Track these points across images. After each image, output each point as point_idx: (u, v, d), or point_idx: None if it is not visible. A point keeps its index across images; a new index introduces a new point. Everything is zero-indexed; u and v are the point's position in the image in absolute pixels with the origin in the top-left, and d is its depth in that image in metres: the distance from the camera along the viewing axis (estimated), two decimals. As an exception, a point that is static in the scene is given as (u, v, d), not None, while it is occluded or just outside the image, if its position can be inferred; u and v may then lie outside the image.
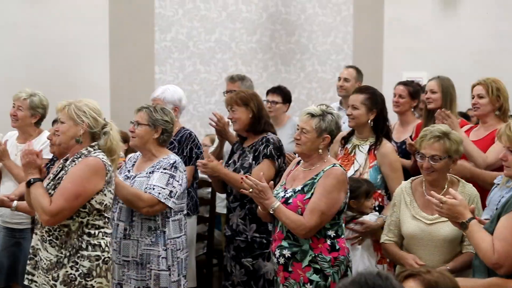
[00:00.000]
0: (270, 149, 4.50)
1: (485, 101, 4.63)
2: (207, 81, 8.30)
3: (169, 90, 5.19)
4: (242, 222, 4.56)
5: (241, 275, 4.57)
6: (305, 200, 3.74)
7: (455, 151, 3.72)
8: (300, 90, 8.71)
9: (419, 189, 3.86)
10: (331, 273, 3.74)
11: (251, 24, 8.44)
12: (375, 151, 4.49)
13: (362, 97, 4.53)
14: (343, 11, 8.90)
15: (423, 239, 3.73)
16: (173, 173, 4.19)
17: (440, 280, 2.22)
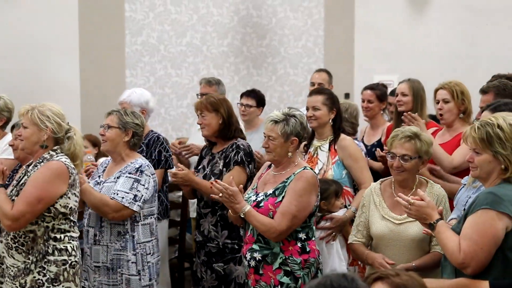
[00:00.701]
0: (240, 156, 4.49)
1: (451, 105, 4.67)
2: (178, 85, 8.27)
3: (136, 93, 5.18)
4: (214, 229, 4.53)
5: (212, 280, 4.54)
6: (276, 203, 3.74)
7: (425, 152, 3.77)
8: (272, 94, 8.72)
9: (388, 189, 3.88)
10: (302, 275, 3.75)
11: (223, 27, 8.44)
12: (335, 146, 4.52)
13: (322, 98, 4.58)
14: (314, 14, 8.93)
15: (392, 239, 3.76)
16: (138, 177, 4.15)
17: (409, 283, 2.23)
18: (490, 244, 2.96)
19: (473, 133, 3.11)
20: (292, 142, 3.83)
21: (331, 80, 6.50)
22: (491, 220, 2.96)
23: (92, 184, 4.29)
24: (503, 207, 2.94)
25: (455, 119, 4.69)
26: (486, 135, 3.06)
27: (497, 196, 2.97)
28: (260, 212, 3.75)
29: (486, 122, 3.11)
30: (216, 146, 4.69)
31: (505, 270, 2.98)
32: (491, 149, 3.05)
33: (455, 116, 4.68)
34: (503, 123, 3.07)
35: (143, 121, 4.36)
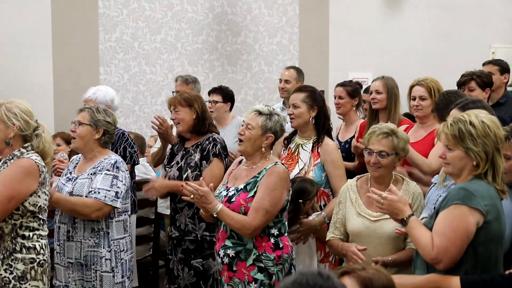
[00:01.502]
0: (218, 148, 4.49)
1: (428, 102, 4.70)
2: (153, 82, 8.23)
3: (101, 91, 5.19)
4: (191, 221, 4.51)
5: (189, 276, 4.51)
6: (248, 198, 3.74)
7: (402, 148, 3.80)
8: (246, 91, 8.71)
9: (364, 186, 3.90)
10: (275, 271, 3.74)
11: (197, 24, 8.41)
12: (319, 149, 4.52)
13: (302, 96, 4.56)
14: (289, 11, 8.93)
15: (367, 236, 3.78)
16: (116, 173, 4.14)
17: (375, 277, 2.24)
18: (462, 239, 2.98)
19: (445, 129, 3.14)
20: (267, 137, 3.83)
21: (300, 77, 6.51)
22: (463, 216, 2.98)
23: (64, 180, 4.26)
24: (474, 202, 2.97)
25: (428, 115, 4.73)
26: (458, 132, 3.08)
27: (469, 191, 2.99)
28: (231, 207, 3.74)
29: (459, 119, 3.13)
30: (188, 141, 4.67)
31: (476, 265, 3.00)
32: (463, 146, 3.07)
33: (430, 112, 4.72)
34: (475, 120, 3.09)
35: (115, 120, 4.35)
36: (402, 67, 8.91)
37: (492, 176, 3.07)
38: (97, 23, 7.94)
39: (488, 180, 3.06)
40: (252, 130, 3.82)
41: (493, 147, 3.08)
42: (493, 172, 3.07)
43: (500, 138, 3.11)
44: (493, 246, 3.04)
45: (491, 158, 3.07)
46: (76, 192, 4.13)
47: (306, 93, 4.60)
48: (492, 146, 3.08)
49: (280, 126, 3.86)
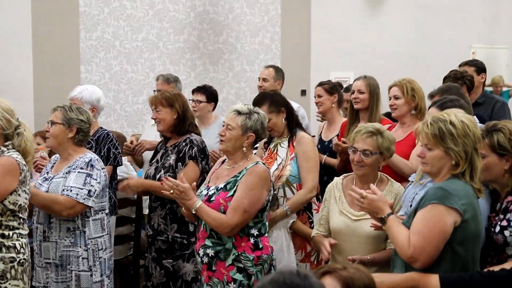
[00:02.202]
0: (194, 151, 4.48)
1: (401, 101, 4.73)
2: (134, 81, 8.21)
3: (87, 90, 5.14)
4: (163, 222, 4.50)
5: (160, 276, 4.51)
6: (227, 197, 3.73)
7: (386, 148, 3.80)
8: (228, 90, 8.72)
9: (349, 185, 3.90)
10: (255, 272, 3.73)
11: (179, 23, 8.40)
12: (294, 142, 4.54)
13: (266, 107, 4.50)
14: (271, 11, 8.95)
15: (347, 235, 3.78)
16: (90, 171, 4.12)
17: (356, 276, 2.25)
18: (439, 238, 2.99)
19: (425, 128, 3.14)
20: (248, 137, 3.82)
21: (278, 76, 6.50)
22: (440, 215, 2.99)
23: (40, 180, 4.23)
24: (452, 202, 2.98)
25: (405, 114, 4.75)
26: (439, 131, 3.09)
27: (446, 191, 3.01)
28: (211, 206, 3.73)
29: (439, 118, 3.13)
30: (170, 141, 4.68)
31: (454, 263, 3.02)
32: (443, 145, 3.08)
33: (406, 112, 4.74)
34: (455, 120, 3.10)
35: (89, 117, 4.29)
36: (383, 67, 8.95)
37: (470, 175, 3.08)
38: (78, 22, 7.91)
39: (465, 179, 3.08)
40: (232, 130, 3.81)
41: (472, 146, 3.10)
42: (471, 171, 3.09)
43: (478, 138, 3.13)
44: (471, 245, 3.06)
45: (470, 158, 3.09)
46: (52, 192, 4.10)
47: (266, 103, 4.58)
48: (471, 145, 3.09)
49: (260, 124, 3.85)
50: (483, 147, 3.30)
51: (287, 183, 4.49)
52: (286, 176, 4.48)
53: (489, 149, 3.30)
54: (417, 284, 2.97)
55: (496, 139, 3.29)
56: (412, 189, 3.72)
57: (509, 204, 3.32)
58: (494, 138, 3.30)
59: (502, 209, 3.34)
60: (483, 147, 3.30)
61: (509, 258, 3.26)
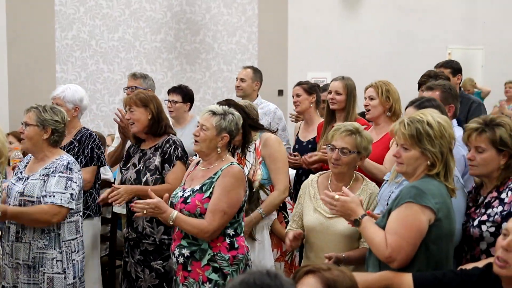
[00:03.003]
0: (180, 151, 4.44)
1: (376, 102, 4.74)
2: (110, 80, 8.16)
3: (70, 89, 5.06)
4: (149, 225, 4.43)
5: (151, 278, 4.42)
6: (203, 199, 3.72)
7: (364, 148, 3.82)
8: (205, 90, 8.69)
9: (325, 182, 3.92)
10: (230, 271, 3.72)
11: (155, 23, 8.36)
12: (260, 146, 4.54)
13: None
14: (248, 11, 8.95)
15: (321, 232, 3.79)
16: (70, 175, 4.08)
17: (339, 279, 2.25)
18: (415, 237, 3.00)
19: (402, 129, 3.15)
20: (223, 138, 3.81)
21: (256, 77, 6.49)
22: (415, 214, 3.00)
23: (14, 180, 4.18)
24: (426, 200, 3.00)
25: (379, 115, 4.76)
26: (416, 132, 3.10)
27: (420, 190, 3.02)
28: (187, 208, 3.72)
29: (416, 119, 3.14)
30: (145, 143, 4.60)
31: (428, 262, 3.04)
32: (420, 146, 3.09)
33: (380, 113, 4.75)
34: (432, 121, 3.12)
35: (63, 117, 4.23)
36: (359, 67, 8.99)
37: (444, 175, 3.11)
38: (53, 21, 7.84)
39: (440, 179, 3.10)
40: (207, 131, 3.79)
41: (447, 147, 3.12)
42: (445, 171, 3.11)
43: (453, 138, 3.15)
44: (444, 244, 3.08)
45: (445, 158, 3.11)
46: (27, 193, 4.06)
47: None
48: (447, 146, 3.12)
49: (235, 125, 3.84)
50: (483, 141, 3.32)
51: (260, 187, 4.49)
52: (259, 180, 4.48)
53: (489, 143, 3.32)
54: (391, 283, 2.98)
55: (498, 134, 3.31)
56: (387, 188, 3.73)
57: (492, 199, 3.36)
58: (496, 132, 3.31)
59: (484, 204, 3.38)
60: (483, 141, 3.32)
61: (482, 253, 3.30)
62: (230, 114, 3.84)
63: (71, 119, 4.73)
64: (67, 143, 4.78)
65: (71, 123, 4.78)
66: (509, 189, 3.32)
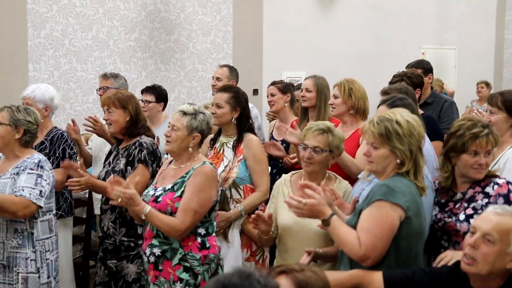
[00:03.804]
0: (144, 154, 4.37)
1: (339, 101, 4.79)
2: (84, 80, 8.11)
3: (40, 89, 5.03)
4: (113, 226, 4.42)
5: (104, 275, 4.44)
6: (174, 198, 3.71)
7: (336, 146, 3.83)
8: (180, 89, 8.67)
9: (298, 181, 3.92)
10: (201, 271, 3.72)
11: (129, 22, 8.32)
12: (241, 145, 4.54)
13: (226, 96, 4.58)
14: (223, 10, 8.94)
15: (296, 231, 3.79)
16: (40, 172, 4.07)
17: (312, 281, 2.25)
18: (388, 234, 3.02)
19: (372, 127, 3.17)
20: (194, 137, 3.82)
21: (232, 76, 6.52)
22: (386, 212, 3.02)
23: None
24: (396, 198, 3.02)
25: (343, 113, 4.80)
26: (385, 130, 3.12)
27: (390, 188, 3.04)
28: (158, 207, 3.71)
29: (385, 118, 3.17)
30: (123, 143, 4.60)
31: (398, 259, 3.06)
32: (389, 144, 3.12)
33: (343, 111, 4.79)
34: (401, 119, 3.15)
35: (37, 118, 4.23)
36: (335, 66, 9.02)
37: (413, 174, 3.13)
38: (25, 19, 7.76)
39: (410, 177, 3.12)
40: (178, 131, 3.79)
41: (417, 145, 3.15)
42: (415, 169, 3.14)
43: (422, 136, 3.18)
44: (414, 241, 3.10)
45: (414, 156, 3.13)
46: None
47: (230, 93, 4.62)
48: (416, 144, 3.14)
49: (206, 124, 3.85)
50: (478, 145, 3.39)
51: (233, 185, 4.50)
52: (233, 179, 4.49)
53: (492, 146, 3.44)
54: (361, 281, 3.00)
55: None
56: (359, 185, 3.76)
57: (476, 194, 3.42)
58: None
59: (467, 199, 3.43)
60: (478, 145, 3.39)
61: None
62: (201, 113, 3.85)
63: (42, 119, 4.70)
64: (38, 143, 4.76)
65: (42, 123, 4.75)
66: (494, 183, 3.43)
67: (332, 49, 9.70)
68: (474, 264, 2.72)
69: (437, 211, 3.55)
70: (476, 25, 11.92)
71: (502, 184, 3.42)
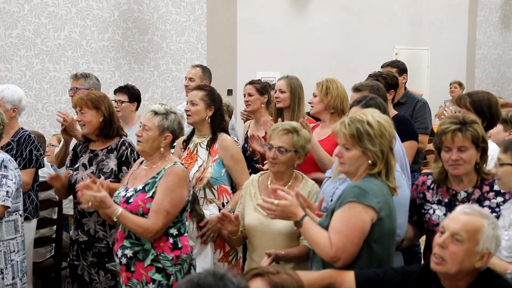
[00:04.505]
0: (136, 154, 4.37)
1: (317, 99, 4.81)
2: (56, 80, 8.04)
3: (9, 90, 4.99)
4: (102, 228, 4.33)
5: (107, 280, 4.33)
6: (146, 199, 3.70)
7: (301, 146, 3.82)
8: (154, 89, 8.64)
9: (265, 182, 3.92)
10: (174, 271, 3.71)
11: (103, 21, 8.27)
12: (216, 145, 4.53)
13: (201, 94, 4.58)
14: (197, 10, 8.92)
15: (261, 232, 3.79)
16: (5, 172, 4.03)
17: (287, 283, 2.26)
18: (359, 236, 3.03)
19: (343, 129, 3.18)
20: (166, 137, 3.80)
21: (205, 76, 6.51)
22: (358, 213, 3.03)
23: None
24: (368, 200, 3.03)
25: (321, 112, 4.81)
26: (356, 132, 3.13)
27: (363, 189, 3.05)
28: (129, 208, 3.69)
29: (356, 119, 3.18)
30: (95, 143, 4.52)
31: (370, 260, 3.07)
32: (360, 146, 3.13)
33: (321, 110, 4.80)
34: (372, 120, 3.16)
35: (3, 119, 4.20)
36: (308, 66, 9.05)
37: (385, 174, 3.15)
38: (-4, 19, 7.69)
39: (381, 178, 3.14)
40: (149, 131, 3.78)
41: (388, 146, 3.16)
42: (386, 170, 3.15)
43: (393, 137, 3.20)
44: (386, 242, 3.12)
45: (386, 157, 3.15)
46: None
47: (204, 92, 4.62)
48: (387, 145, 3.16)
49: (178, 124, 3.84)
50: (467, 140, 3.39)
51: (208, 185, 4.49)
52: (208, 178, 4.48)
53: (471, 142, 3.42)
54: (334, 281, 3.01)
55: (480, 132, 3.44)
56: (331, 184, 3.76)
57: (485, 192, 3.48)
58: (478, 131, 3.45)
59: (476, 198, 3.48)
60: (467, 140, 3.39)
61: None
62: (173, 113, 3.84)
63: (9, 120, 4.65)
64: (4, 144, 4.71)
65: (9, 123, 4.71)
66: None
67: (306, 50, 9.73)
68: (443, 264, 2.74)
69: (445, 211, 3.56)
70: (449, 26, 12.04)
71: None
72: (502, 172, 3.32)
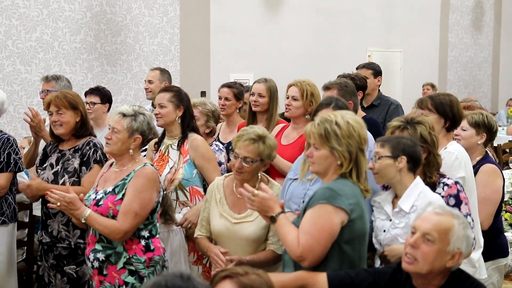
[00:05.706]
0: (99, 154, 4.35)
1: (299, 104, 4.69)
2: (28, 82, 7.97)
3: None
4: (65, 228, 4.33)
5: (62, 283, 4.32)
6: (116, 201, 3.69)
7: (267, 155, 3.78)
8: (127, 91, 8.60)
9: (230, 185, 3.90)
10: (147, 274, 3.70)
11: (75, 23, 8.22)
12: (186, 145, 4.52)
13: (168, 95, 4.54)
14: (170, 12, 8.90)
15: (228, 237, 3.78)
16: None
17: (256, 284, 2.26)
18: (326, 238, 3.05)
19: (313, 128, 3.20)
20: (135, 139, 3.79)
21: (164, 77, 6.53)
22: (328, 215, 3.05)
23: None
24: (339, 202, 3.04)
25: (299, 116, 4.73)
26: (324, 131, 3.15)
27: (334, 191, 3.07)
28: (99, 211, 3.68)
29: (325, 119, 3.20)
30: (64, 143, 4.50)
31: (342, 261, 3.08)
32: (328, 145, 3.14)
33: (300, 114, 4.71)
34: (341, 121, 3.17)
35: None
36: (281, 68, 9.07)
37: (356, 176, 3.16)
38: (-34, 20, 7.60)
39: (352, 179, 3.15)
40: (118, 133, 3.76)
41: (357, 147, 3.17)
42: (357, 171, 3.17)
43: (364, 139, 3.21)
44: (357, 243, 3.13)
45: (354, 158, 3.16)
46: None
47: (171, 93, 4.58)
48: (356, 146, 3.16)
49: (147, 125, 3.82)
50: None
51: (179, 187, 4.47)
52: (179, 180, 4.45)
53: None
54: (306, 283, 3.03)
55: (419, 131, 3.55)
56: (301, 186, 3.75)
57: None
58: (417, 130, 3.56)
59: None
60: None
61: None
62: (141, 114, 3.82)
63: None
64: None
65: None
66: (444, 184, 3.55)
67: (279, 52, 9.75)
68: (415, 263, 2.77)
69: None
70: (421, 28, 12.14)
71: (451, 185, 3.54)
72: (380, 165, 3.42)
